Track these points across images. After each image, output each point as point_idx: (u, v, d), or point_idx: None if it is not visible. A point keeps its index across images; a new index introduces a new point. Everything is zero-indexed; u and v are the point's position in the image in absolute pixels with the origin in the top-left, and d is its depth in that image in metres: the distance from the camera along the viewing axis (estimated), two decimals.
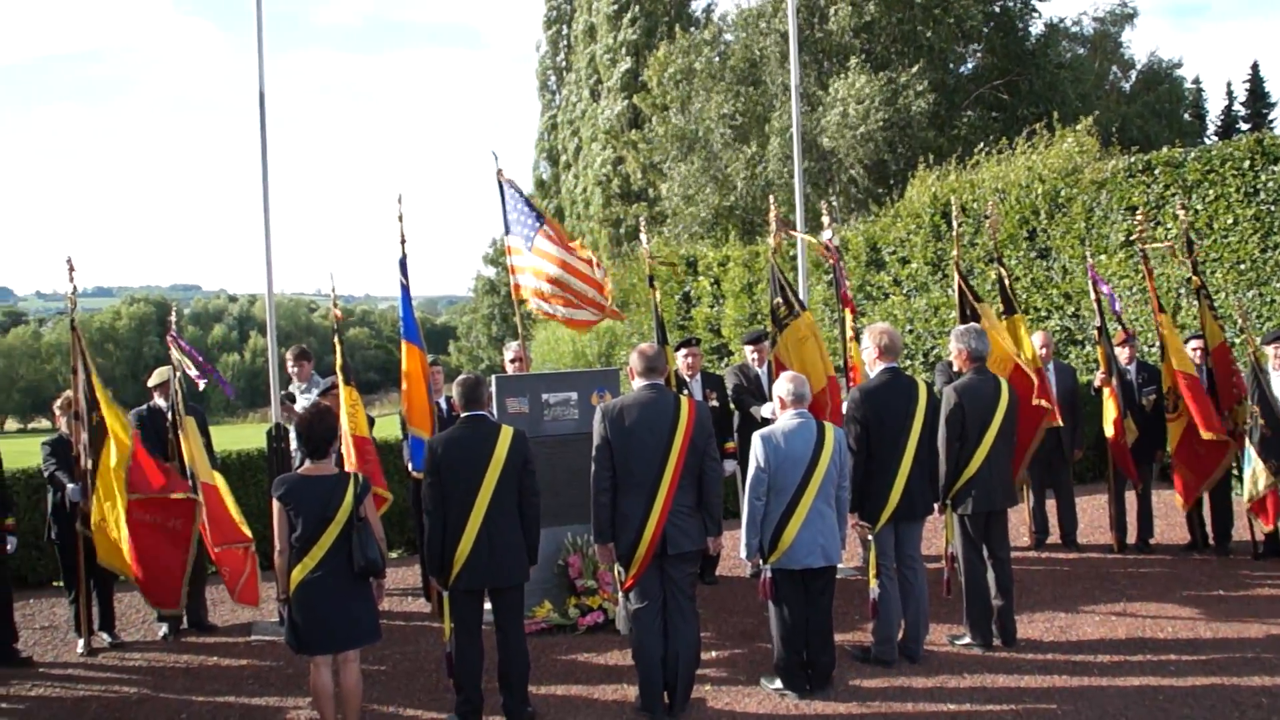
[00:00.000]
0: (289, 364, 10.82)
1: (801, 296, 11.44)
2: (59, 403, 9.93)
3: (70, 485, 9.39)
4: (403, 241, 9.78)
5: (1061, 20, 30.30)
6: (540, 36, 50.68)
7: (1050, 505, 11.87)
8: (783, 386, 7.61)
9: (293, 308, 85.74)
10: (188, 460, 9.34)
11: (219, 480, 9.54)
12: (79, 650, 9.58)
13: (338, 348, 9.71)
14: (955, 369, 8.83)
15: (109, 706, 8.18)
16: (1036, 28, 30.21)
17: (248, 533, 9.30)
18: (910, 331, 18.01)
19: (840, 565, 8.24)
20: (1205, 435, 10.33)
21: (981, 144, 21.78)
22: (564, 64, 49.24)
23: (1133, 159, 15.54)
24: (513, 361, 10.81)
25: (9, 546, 9.32)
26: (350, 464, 8.88)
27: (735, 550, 10.12)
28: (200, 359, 9.97)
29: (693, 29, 34.10)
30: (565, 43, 49.03)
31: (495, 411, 9.18)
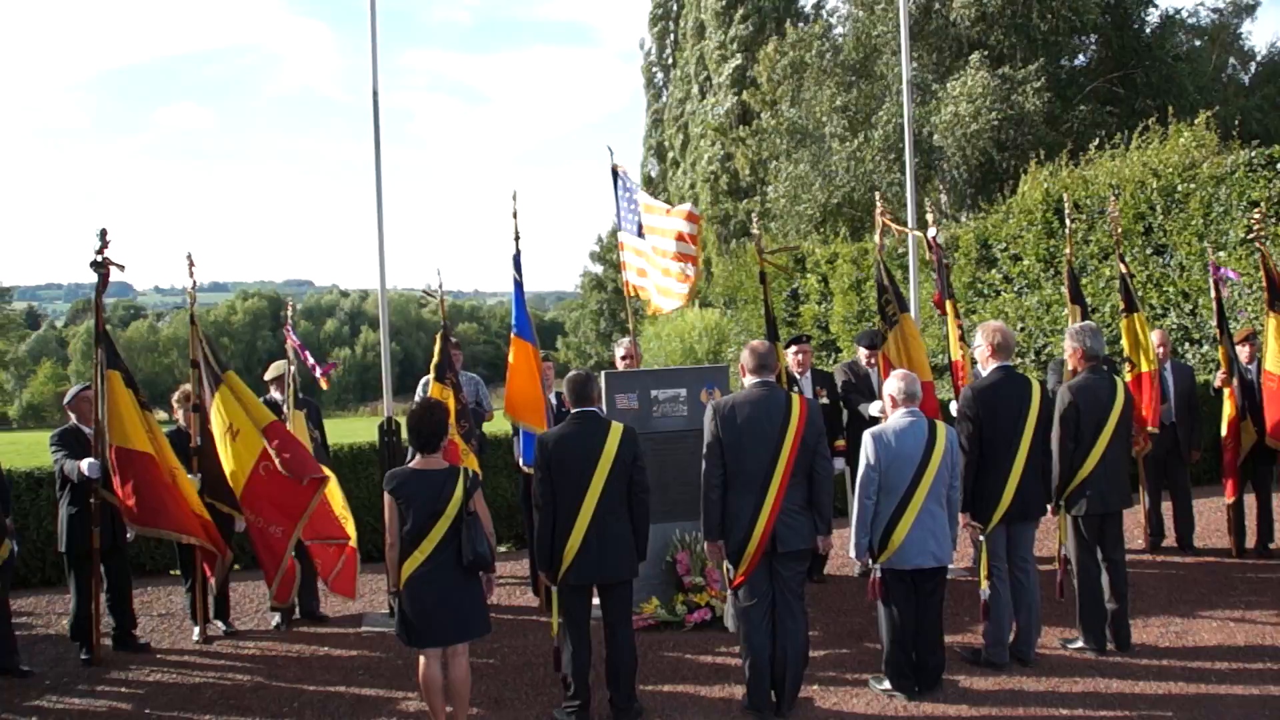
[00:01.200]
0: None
1: (911, 294, 11.36)
2: (177, 395, 10.15)
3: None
4: (516, 237, 9.83)
5: (1178, 11, 29.64)
6: (646, 34, 50.86)
7: (1166, 508, 11.60)
8: (894, 385, 7.55)
9: (403, 303, 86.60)
10: None
11: (329, 474, 9.68)
12: (195, 638, 9.80)
13: (437, 344, 9.80)
14: (1070, 368, 8.70)
15: (224, 693, 8.35)
16: (1153, 19, 29.57)
17: (348, 531, 9.44)
18: (1021, 329, 17.77)
19: (951, 566, 8.17)
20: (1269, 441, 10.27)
21: (1095, 139, 21.41)
22: (670, 61, 49.30)
23: (1253, 153, 15.19)
24: (624, 358, 10.82)
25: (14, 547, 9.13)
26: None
27: (844, 549, 10.09)
28: (307, 356, 10.15)
29: (801, 24, 33.88)
30: (672, 40, 49.08)
31: (604, 407, 9.21)
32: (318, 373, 10.34)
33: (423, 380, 10.31)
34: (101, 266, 8.99)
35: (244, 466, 9.11)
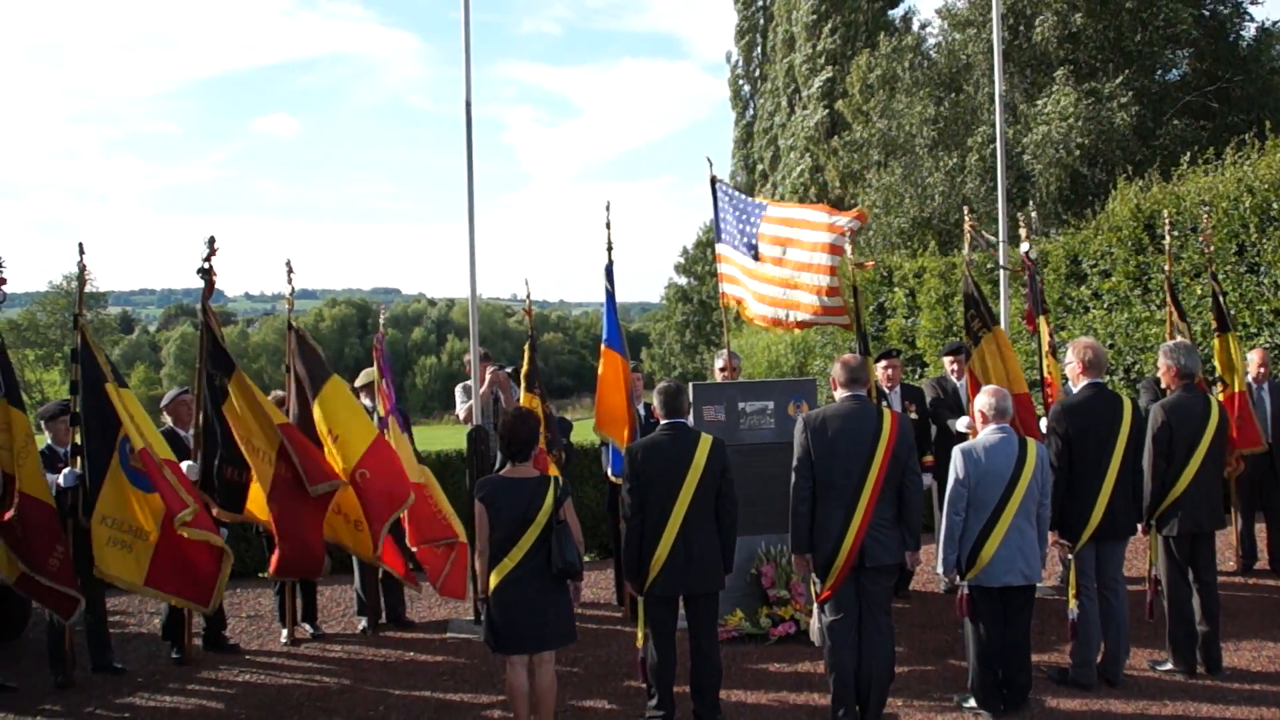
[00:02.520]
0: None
1: (1002, 310, 11.27)
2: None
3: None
4: (609, 248, 9.91)
5: (1276, 23, 28.86)
6: (732, 47, 50.83)
7: (1260, 529, 11.41)
8: (984, 400, 7.52)
9: (489, 312, 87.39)
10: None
11: (429, 477, 9.81)
12: (283, 640, 10.01)
13: (527, 354, 9.90)
14: (1163, 385, 8.61)
15: (311, 695, 8.51)
16: (1249, 31, 29.03)
17: (456, 528, 9.54)
18: (1111, 346, 17.52)
19: (1039, 584, 8.10)
20: None
21: (1187, 154, 21.07)
22: (757, 74, 49.21)
23: None
24: (721, 370, 10.82)
25: None
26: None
27: (930, 565, 10.05)
28: (387, 376, 10.21)
29: (892, 36, 33.66)
30: (759, 53, 49.00)
31: (692, 419, 9.24)
32: (388, 401, 10.26)
33: (460, 385, 10.40)
34: (207, 273, 9.19)
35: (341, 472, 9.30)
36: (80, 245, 9.24)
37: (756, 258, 10.52)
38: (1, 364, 8.71)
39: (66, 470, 8.86)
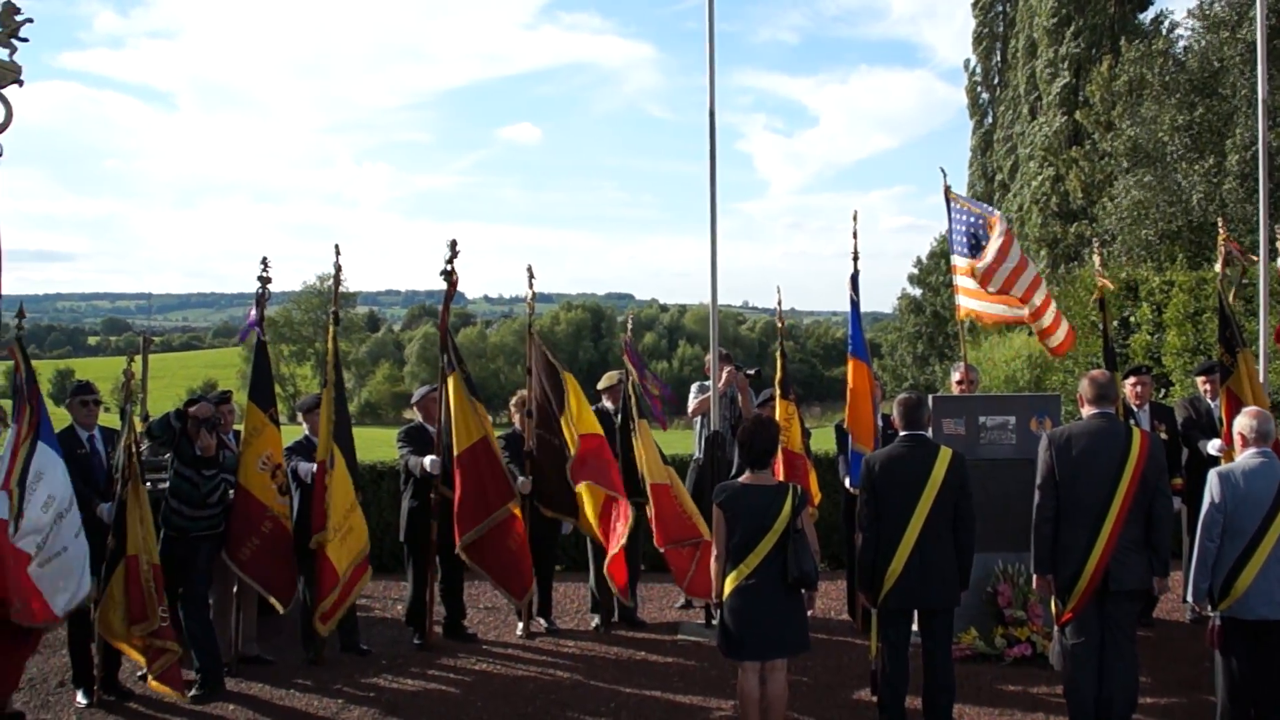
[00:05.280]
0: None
1: (1260, 328, 10.75)
2: (515, 401, 10.55)
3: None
4: (855, 257, 9.86)
5: None
6: (970, 54, 49.83)
7: None
8: (1245, 422, 7.14)
9: (721, 319, 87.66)
10: (639, 462, 9.82)
11: (673, 478, 9.90)
12: (518, 632, 10.24)
13: (779, 361, 9.91)
14: None
15: (544, 688, 8.67)
16: None
17: (701, 529, 9.61)
18: None
19: None
20: None
21: None
22: (995, 81, 48.17)
23: None
24: (959, 382, 10.63)
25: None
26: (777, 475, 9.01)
27: (1176, 592, 9.65)
28: (643, 372, 10.38)
29: (1138, 40, 32.45)
30: (997, 60, 47.95)
31: (931, 432, 9.10)
32: (650, 390, 10.49)
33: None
34: (450, 275, 9.47)
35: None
36: (336, 247, 9.62)
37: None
38: (258, 363, 9.23)
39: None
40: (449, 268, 9.47)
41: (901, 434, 7.35)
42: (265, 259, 9.14)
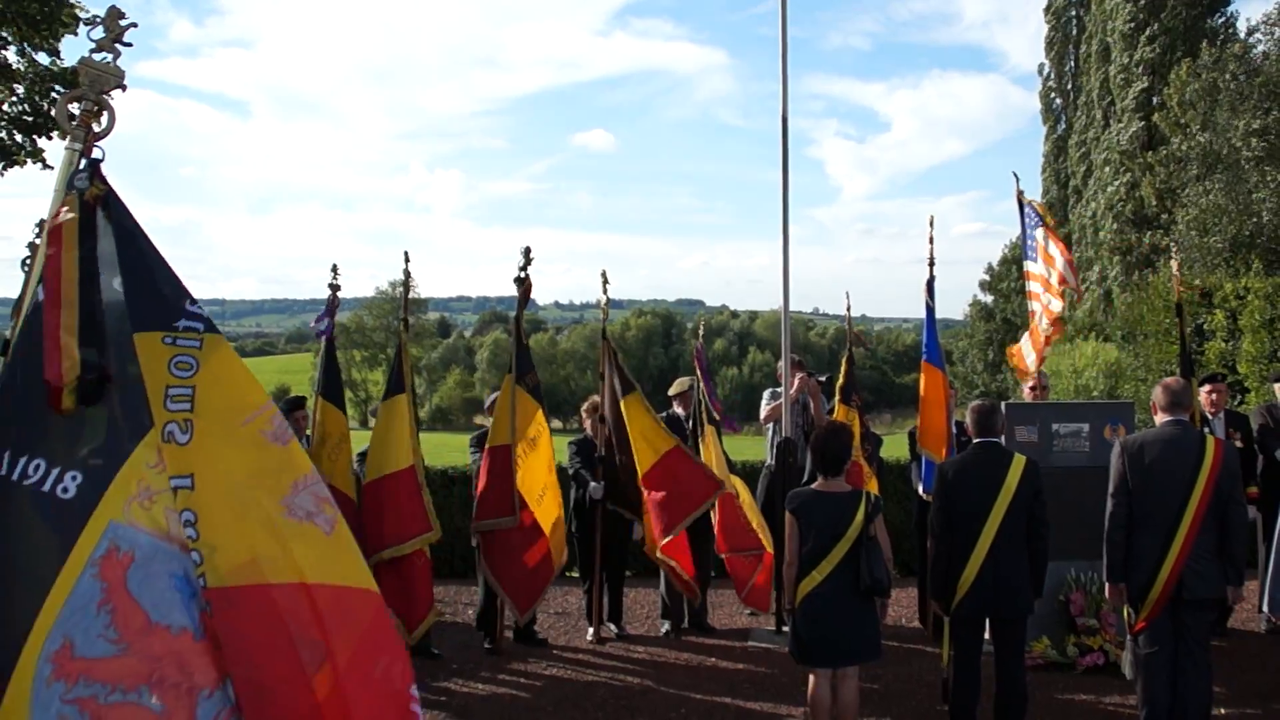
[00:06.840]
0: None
1: None
2: (586, 406, 10.66)
3: (592, 484, 10.07)
4: (931, 263, 9.85)
5: None
6: (1044, 59, 49.39)
7: None
8: None
9: (792, 325, 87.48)
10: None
11: (739, 487, 9.94)
12: (588, 637, 10.31)
13: (844, 367, 9.91)
14: None
15: (615, 693, 8.72)
16: None
17: (763, 539, 9.64)
18: None
19: None
20: None
21: None
22: (1069, 86, 47.71)
23: None
24: (1031, 389, 10.60)
25: None
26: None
27: (1252, 602, 9.53)
28: (709, 383, 10.43)
29: (1214, 45, 32.01)
30: (1071, 65, 47.49)
31: (1004, 438, 9.07)
32: (712, 401, 10.56)
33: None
34: (524, 282, 9.56)
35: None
36: (405, 254, 9.76)
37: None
38: (327, 365, 9.28)
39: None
40: (523, 274, 9.56)
41: (975, 441, 7.35)
42: (335, 266, 9.29)
